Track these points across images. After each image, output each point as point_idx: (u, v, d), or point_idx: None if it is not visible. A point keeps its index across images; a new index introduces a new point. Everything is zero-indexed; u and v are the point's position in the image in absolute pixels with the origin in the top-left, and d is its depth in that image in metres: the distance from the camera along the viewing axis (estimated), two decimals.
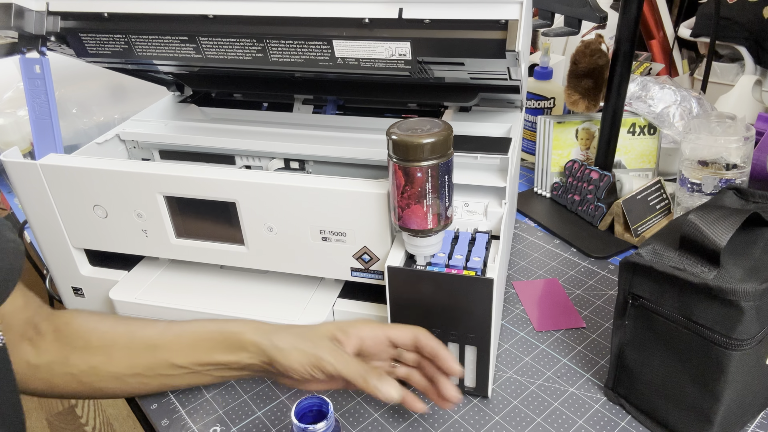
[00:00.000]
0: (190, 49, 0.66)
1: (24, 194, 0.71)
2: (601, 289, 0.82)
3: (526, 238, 0.94)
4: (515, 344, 0.73)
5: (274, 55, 0.64)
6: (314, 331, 0.58)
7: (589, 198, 0.95)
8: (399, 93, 0.79)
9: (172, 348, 0.60)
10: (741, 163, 0.80)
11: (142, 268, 0.77)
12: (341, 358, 0.55)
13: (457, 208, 0.66)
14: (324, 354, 0.55)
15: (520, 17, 0.54)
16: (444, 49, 0.59)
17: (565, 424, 0.62)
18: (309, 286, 0.72)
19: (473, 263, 0.59)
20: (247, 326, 0.59)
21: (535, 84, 1.12)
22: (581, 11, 0.78)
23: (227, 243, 0.69)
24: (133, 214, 0.69)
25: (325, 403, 0.53)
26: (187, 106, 0.87)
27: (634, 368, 0.61)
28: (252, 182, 0.63)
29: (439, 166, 0.54)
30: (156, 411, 0.66)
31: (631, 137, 1.00)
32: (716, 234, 0.53)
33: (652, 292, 0.56)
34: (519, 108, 0.80)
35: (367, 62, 0.62)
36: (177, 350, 0.60)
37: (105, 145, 0.79)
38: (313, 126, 0.80)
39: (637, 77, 1.06)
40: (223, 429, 0.64)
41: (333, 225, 0.63)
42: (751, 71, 1.21)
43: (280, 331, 0.58)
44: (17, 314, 0.59)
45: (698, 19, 1.27)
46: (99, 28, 0.67)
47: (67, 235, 0.73)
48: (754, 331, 0.51)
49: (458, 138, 0.65)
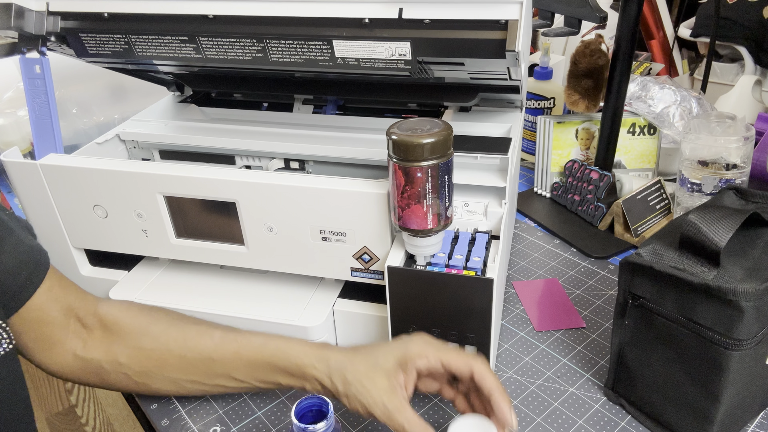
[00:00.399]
0: (190, 49, 0.66)
1: (24, 194, 0.71)
2: (601, 289, 0.82)
3: (526, 238, 0.94)
4: (515, 344, 0.73)
5: (274, 55, 0.64)
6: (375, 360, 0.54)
7: (589, 198, 0.95)
8: (399, 93, 0.79)
9: (231, 365, 0.59)
10: (741, 163, 0.80)
11: (142, 268, 0.77)
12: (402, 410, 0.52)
13: (457, 208, 0.66)
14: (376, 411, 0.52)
15: (520, 17, 0.54)
16: (444, 49, 0.59)
17: (565, 424, 0.62)
18: (309, 286, 0.72)
19: (473, 263, 0.59)
20: (309, 357, 0.56)
21: (535, 84, 1.12)
22: (581, 11, 0.78)
23: (227, 243, 0.69)
24: (133, 214, 0.69)
25: (325, 403, 0.53)
26: (187, 106, 0.87)
27: (634, 368, 0.61)
28: (252, 182, 0.63)
29: (439, 166, 0.54)
30: (156, 411, 0.66)
31: (631, 137, 1.00)
32: (716, 234, 0.53)
33: (652, 292, 0.56)
34: (519, 108, 0.80)
35: (367, 62, 0.62)
36: (236, 367, 0.59)
37: (105, 145, 0.79)
38: (313, 126, 0.80)
39: (637, 77, 1.06)
40: (223, 429, 0.64)
41: (333, 225, 0.63)
42: (751, 71, 1.21)
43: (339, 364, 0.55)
44: (54, 304, 0.58)
45: (698, 19, 1.27)
46: (99, 28, 0.67)
47: (67, 235, 0.73)
48: (754, 331, 0.51)
49: (458, 138, 0.65)
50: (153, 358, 0.60)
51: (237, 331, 0.61)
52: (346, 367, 0.55)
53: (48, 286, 0.58)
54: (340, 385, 0.54)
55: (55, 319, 0.59)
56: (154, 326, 0.61)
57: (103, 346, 0.60)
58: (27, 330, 0.57)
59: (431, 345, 0.55)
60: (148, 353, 0.60)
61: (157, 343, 0.60)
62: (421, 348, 0.54)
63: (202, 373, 0.59)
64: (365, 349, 0.56)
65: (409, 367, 0.54)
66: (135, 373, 0.60)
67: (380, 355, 0.55)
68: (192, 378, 0.60)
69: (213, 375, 0.59)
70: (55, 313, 0.59)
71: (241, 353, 0.58)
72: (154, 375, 0.60)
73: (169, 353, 0.59)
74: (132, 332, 0.61)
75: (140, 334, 0.60)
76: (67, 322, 0.60)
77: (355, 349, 0.57)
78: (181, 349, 0.59)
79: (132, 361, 0.60)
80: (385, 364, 0.54)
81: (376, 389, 0.53)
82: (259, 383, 0.59)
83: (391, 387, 0.53)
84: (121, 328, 0.61)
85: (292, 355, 0.57)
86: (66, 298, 0.60)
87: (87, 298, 0.62)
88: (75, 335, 0.60)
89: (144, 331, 0.61)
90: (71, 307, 0.60)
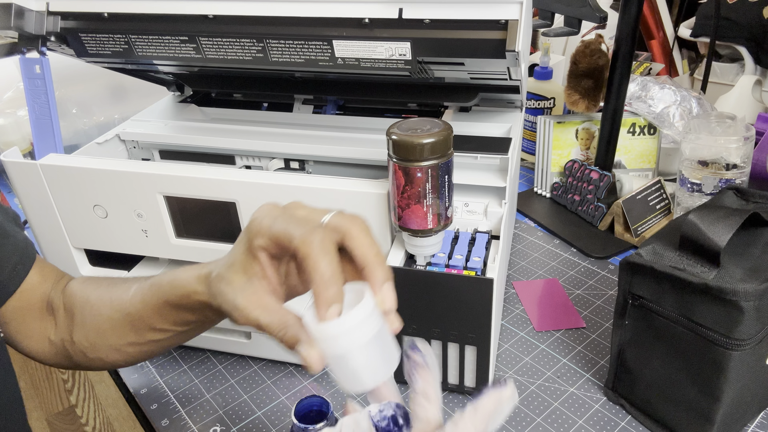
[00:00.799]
0: (190, 49, 0.66)
1: (24, 194, 0.71)
2: (601, 289, 0.82)
3: (526, 238, 0.94)
4: (515, 344, 0.73)
5: (274, 55, 0.64)
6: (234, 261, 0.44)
7: (589, 198, 0.95)
8: (399, 93, 0.79)
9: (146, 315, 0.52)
10: (741, 163, 0.80)
11: (142, 268, 0.77)
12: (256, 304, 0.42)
13: (457, 208, 0.66)
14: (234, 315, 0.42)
15: (520, 17, 0.54)
16: (444, 49, 0.59)
17: (565, 424, 0.62)
18: None
19: (473, 263, 0.59)
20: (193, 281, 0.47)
21: (535, 84, 1.12)
22: (581, 11, 0.78)
23: (227, 243, 0.68)
24: (133, 214, 0.69)
25: (325, 403, 0.53)
26: (187, 106, 0.87)
27: (634, 368, 0.61)
28: (252, 182, 0.63)
29: (439, 166, 0.54)
30: (156, 411, 0.66)
31: (631, 137, 1.00)
32: (716, 234, 0.53)
33: (652, 292, 0.56)
34: (519, 108, 0.80)
35: (367, 62, 0.62)
36: (150, 316, 0.52)
37: (105, 145, 0.79)
38: (313, 126, 0.80)
39: (637, 77, 1.06)
40: (223, 429, 0.64)
41: None
42: (751, 71, 1.21)
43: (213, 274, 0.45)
44: (35, 293, 0.58)
45: (698, 19, 1.27)
46: (99, 28, 0.67)
47: (67, 235, 0.73)
48: (754, 331, 0.51)
49: (458, 138, 0.65)
50: (94, 328, 0.56)
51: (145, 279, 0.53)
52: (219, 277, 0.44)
53: (32, 277, 0.57)
54: (214, 301, 0.44)
55: (33, 306, 0.58)
56: (93, 295, 0.56)
57: (64, 327, 0.58)
58: (11, 320, 0.57)
59: (269, 216, 0.42)
60: (90, 325, 0.56)
61: (94, 311, 0.56)
62: (259, 224, 0.42)
63: (130, 332, 0.54)
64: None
65: (254, 251, 0.42)
66: (87, 349, 0.56)
67: (235, 247, 0.44)
68: (127, 340, 0.54)
69: (139, 330, 0.53)
70: (35, 300, 0.58)
71: (147, 301, 0.51)
72: (99, 347, 0.56)
73: (102, 318, 0.55)
74: (79, 307, 0.57)
75: (84, 307, 0.57)
76: (42, 308, 0.59)
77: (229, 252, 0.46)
78: (109, 310, 0.54)
79: (81, 338, 0.56)
80: (238, 256, 0.43)
81: (231, 289, 0.42)
82: (178, 326, 0.52)
83: (247, 281, 0.42)
84: (73, 305, 0.57)
85: (180, 286, 0.48)
86: (44, 286, 0.59)
87: (62, 281, 0.60)
88: (49, 320, 0.59)
89: (86, 303, 0.57)
90: (47, 294, 0.59)
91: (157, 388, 0.70)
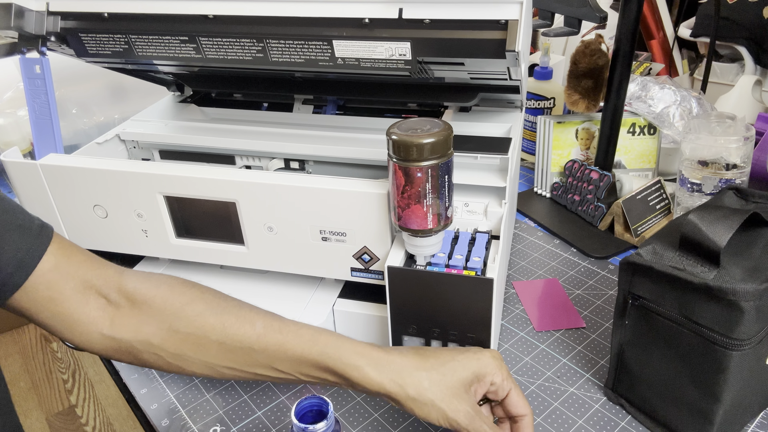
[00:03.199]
0: (190, 49, 0.66)
1: (24, 194, 0.71)
2: (601, 289, 0.82)
3: (526, 238, 0.94)
4: (515, 344, 0.73)
5: (274, 55, 0.64)
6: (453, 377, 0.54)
7: (589, 198, 0.95)
8: (399, 93, 0.79)
9: (274, 356, 0.55)
10: (741, 163, 0.80)
11: (142, 268, 0.77)
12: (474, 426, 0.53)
13: (457, 208, 0.66)
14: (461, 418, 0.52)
15: (520, 17, 0.54)
16: (444, 49, 0.59)
17: (565, 424, 0.62)
18: (309, 286, 0.72)
19: (473, 263, 0.59)
20: (365, 360, 0.54)
21: (535, 84, 1.12)
22: (581, 11, 0.78)
23: (227, 243, 0.69)
24: (133, 214, 0.69)
25: (325, 403, 0.53)
26: (187, 106, 0.87)
27: (634, 368, 0.61)
28: (252, 182, 0.63)
29: (439, 166, 0.54)
30: (156, 411, 0.66)
31: (631, 137, 1.00)
32: (716, 234, 0.53)
33: (652, 292, 0.56)
34: (519, 108, 0.80)
35: (367, 62, 0.62)
36: (280, 359, 0.55)
37: (105, 145, 0.79)
38: (313, 126, 0.80)
39: (637, 77, 1.06)
40: (223, 429, 0.64)
41: (333, 225, 0.63)
42: (751, 71, 1.21)
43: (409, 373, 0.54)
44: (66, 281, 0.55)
45: (698, 19, 1.27)
46: (99, 28, 0.67)
47: (67, 235, 0.73)
48: (754, 331, 0.52)
49: (458, 138, 0.65)
50: (189, 342, 0.56)
51: (281, 321, 0.57)
52: (417, 368, 0.54)
53: (54, 264, 0.55)
54: (412, 391, 0.53)
55: (69, 297, 0.55)
56: (189, 308, 0.57)
57: (132, 325, 0.57)
58: (40, 309, 0.55)
59: (503, 369, 0.56)
60: (184, 337, 0.56)
61: (192, 327, 0.56)
62: (494, 370, 0.55)
63: (241, 361, 0.56)
64: (431, 353, 0.56)
65: (482, 383, 0.55)
66: (169, 355, 0.56)
67: (458, 365, 0.55)
68: (230, 365, 0.56)
69: (253, 364, 0.56)
70: (69, 291, 0.55)
71: (287, 347, 0.55)
72: (189, 358, 0.56)
73: (206, 339, 0.56)
74: (164, 313, 0.57)
75: (174, 316, 0.56)
76: (86, 299, 0.56)
77: (418, 353, 0.55)
78: (220, 336, 0.56)
79: (166, 344, 0.56)
80: (463, 375, 0.54)
81: (458, 399, 0.53)
82: (302, 377, 0.56)
83: (469, 397, 0.54)
84: (151, 308, 0.57)
85: (344, 357, 0.54)
86: (79, 273, 0.56)
87: (107, 271, 0.58)
88: (99, 312, 0.57)
89: (178, 314, 0.57)
90: (89, 283, 0.57)
91: (157, 388, 0.70)
